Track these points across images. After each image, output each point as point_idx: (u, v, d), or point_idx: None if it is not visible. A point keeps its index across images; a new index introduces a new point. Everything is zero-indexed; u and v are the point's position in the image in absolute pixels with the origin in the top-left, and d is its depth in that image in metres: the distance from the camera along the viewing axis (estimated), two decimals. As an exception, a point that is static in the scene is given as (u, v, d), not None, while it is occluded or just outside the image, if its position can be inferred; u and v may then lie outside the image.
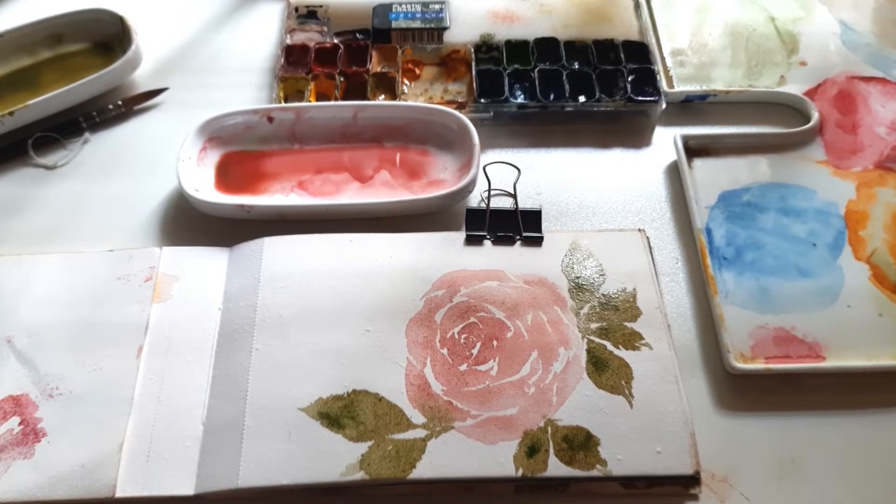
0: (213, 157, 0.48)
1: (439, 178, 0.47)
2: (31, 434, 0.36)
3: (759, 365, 0.39)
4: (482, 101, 0.51)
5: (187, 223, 0.46)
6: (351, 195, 0.47)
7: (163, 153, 0.49)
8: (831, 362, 0.39)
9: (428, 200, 0.45)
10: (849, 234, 0.45)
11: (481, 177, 0.46)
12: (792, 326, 0.41)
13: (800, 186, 0.47)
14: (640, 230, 0.44)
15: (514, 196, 0.46)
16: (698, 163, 0.48)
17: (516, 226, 0.44)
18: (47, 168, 0.49)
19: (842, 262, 0.43)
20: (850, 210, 0.46)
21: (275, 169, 0.48)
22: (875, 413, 0.39)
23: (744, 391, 0.39)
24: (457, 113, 0.48)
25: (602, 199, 0.48)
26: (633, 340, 0.39)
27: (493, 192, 0.46)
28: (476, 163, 0.45)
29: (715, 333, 0.41)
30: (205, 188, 0.46)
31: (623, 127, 0.52)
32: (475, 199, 0.47)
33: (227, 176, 0.48)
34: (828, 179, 0.47)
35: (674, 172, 0.49)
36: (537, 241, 0.43)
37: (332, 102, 0.51)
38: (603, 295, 0.41)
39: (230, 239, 0.44)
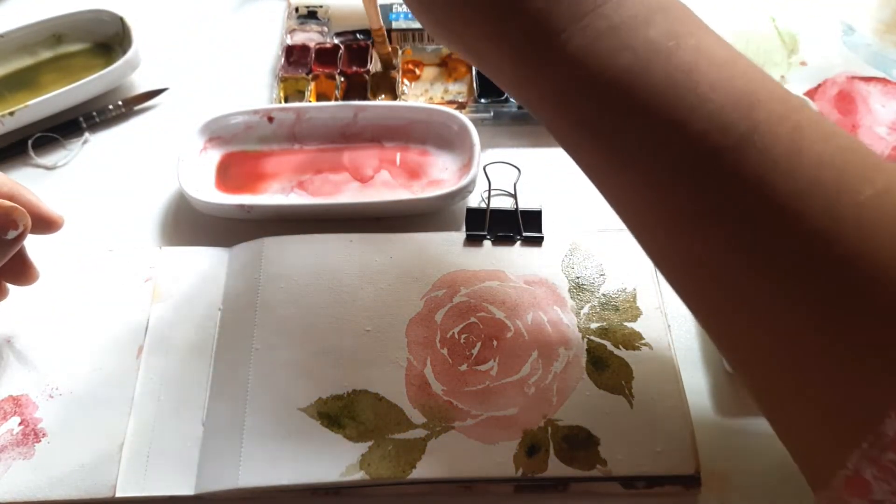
0: (213, 157, 0.49)
1: (439, 178, 0.47)
2: (31, 434, 0.36)
3: (759, 365, 0.39)
4: (482, 101, 0.51)
5: (187, 223, 0.46)
6: (351, 195, 0.47)
7: (163, 153, 0.49)
8: (831, 362, 0.39)
9: (428, 200, 0.45)
10: (849, 234, 0.45)
11: (481, 177, 0.46)
12: (792, 326, 0.41)
13: (800, 186, 0.47)
14: None
15: (515, 196, 0.46)
16: (698, 163, 0.48)
17: (516, 226, 0.44)
18: (47, 168, 0.50)
19: (842, 262, 0.43)
20: (850, 210, 0.46)
21: (275, 169, 0.48)
22: (875, 413, 0.39)
23: (744, 391, 0.39)
24: (457, 113, 0.48)
25: (602, 199, 0.48)
26: (633, 340, 0.39)
27: (493, 192, 0.46)
28: (476, 163, 0.45)
29: (715, 333, 0.41)
30: (205, 188, 0.46)
31: (623, 127, 0.52)
32: (475, 199, 0.47)
33: (227, 176, 0.48)
34: (828, 179, 0.47)
35: (674, 172, 0.49)
36: (537, 241, 0.43)
37: (332, 102, 0.51)
38: (603, 295, 0.41)
39: (230, 239, 0.44)
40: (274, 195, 0.47)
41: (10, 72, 0.54)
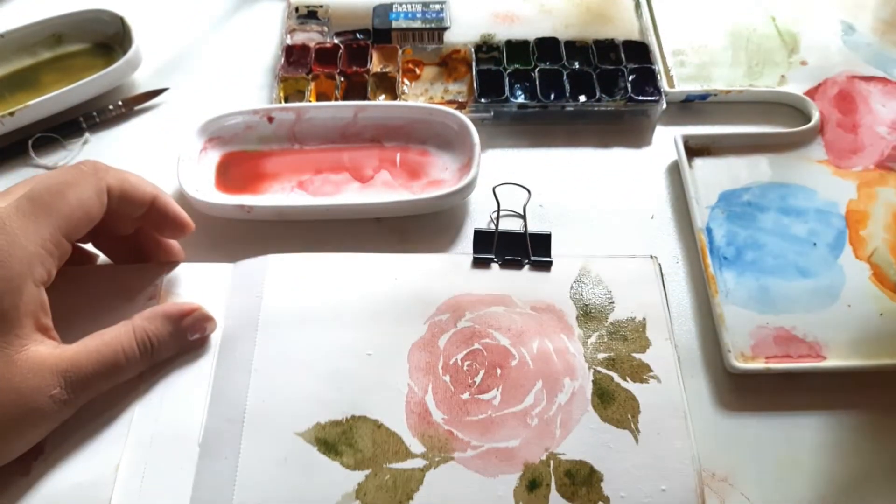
0: (214, 157, 0.48)
1: (439, 178, 0.47)
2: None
3: (759, 365, 0.39)
4: (482, 100, 0.51)
5: (187, 223, 0.46)
6: (351, 195, 0.47)
7: (163, 153, 0.49)
8: (831, 362, 0.39)
9: (428, 200, 0.45)
10: (849, 234, 0.45)
11: (490, 198, 0.46)
12: (792, 326, 0.41)
13: (800, 186, 0.47)
14: (652, 256, 0.42)
15: (524, 218, 0.45)
16: (699, 162, 0.48)
17: (525, 249, 0.42)
18: (47, 168, 0.49)
19: (842, 261, 0.43)
20: (850, 209, 0.46)
21: (275, 169, 0.48)
22: (875, 413, 0.39)
23: (744, 391, 0.39)
24: (457, 113, 0.48)
25: (602, 199, 0.48)
26: (641, 372, 0.38)
27: (501, 213, 0.45)
28: (476, 163, 0.45)
29: (715, 333, 0.41)
30: (205, 188, 0.46)
31: (623, 126, 0.52)
32: (484, 220, 0.46)
33: (228, 176, 0.48)
34: (828, 179, 0.47)
35: (674, 172, 0.49)
36: (546, 266, 0.42)
37: (332, 102, 0.51)
38: (611, 324, 0.39)
39: (230, 239, 0.44)
40: (274, 195, 0.47)
41: (11, 72, 0.54)
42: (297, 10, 0.58)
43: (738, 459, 0.37)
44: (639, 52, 0.54)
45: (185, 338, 0.38)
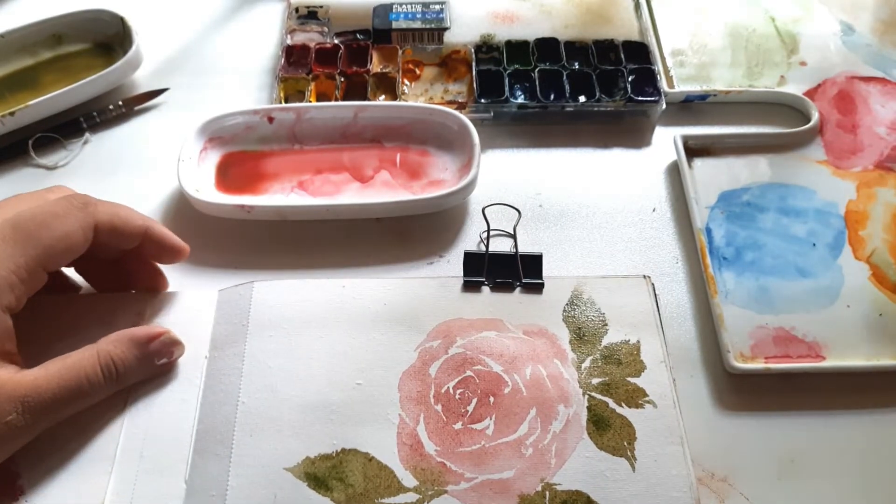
0: (214, 157, 0.49)
1: (439, 178, 0.47)
2: (8, 491, 0.34)
3: (758, 365, 0.39)
4: (482, 101, 0.51)
5: (187, 223, 0.46)
6: (351, 195, 0.47)
7: (163, 153, 0.49)
8: (831, 362, 0.39)
9: (428, 200, 0.45)
10: (849, 234, 0.45)
11: (480, 219, 0.46)
12: (792, 326, 0.41)
13: (800, 186, 0.47)
14: (644, 276, 0.41)
15: (515, 238, 0.44)
16: (698, 163, 0.48)
17: (516, 271, 0.42)
18: (48, 168, 0.50)
19: (842, 261, 0.43)
20: (849, 210, 0.46)
21: (275, 169, 0.48)
22: (875, 413, 0.39)
23: (744, 391, 0.39)
24: (457, 113, 0.48)
25: (602, 199, 0.48)
26: (636, 397, 0.37)
27: (491, 233, 0.45)
28: (476, 163, 0.45)
29: (715, 333, 0.41)
30: (205, 188, 0.46)
31: (623, 127, 0.52)
32: (474, 242, 0.46)
33: (228, 176, 0.48)
34: (828, 179, 0.48)
35: (674, 172, 0.49)
36: (538, 288, 0.41)
37: (332, 103, 0.51)
38: (605, 347, 0.39)
39: (230, 239, 0.45)
40: (274, 195, 0.47)
41: (11, 72, 0.54)
42: (297, 10, 0.58)
43: (738, 459, 0.37)
44: (638, 52, 0.54)
45: (153, 362, 0.37)
